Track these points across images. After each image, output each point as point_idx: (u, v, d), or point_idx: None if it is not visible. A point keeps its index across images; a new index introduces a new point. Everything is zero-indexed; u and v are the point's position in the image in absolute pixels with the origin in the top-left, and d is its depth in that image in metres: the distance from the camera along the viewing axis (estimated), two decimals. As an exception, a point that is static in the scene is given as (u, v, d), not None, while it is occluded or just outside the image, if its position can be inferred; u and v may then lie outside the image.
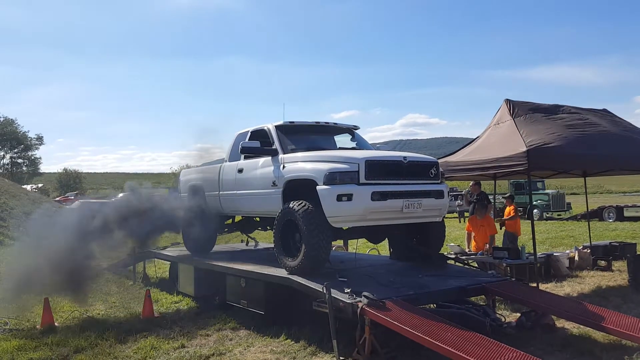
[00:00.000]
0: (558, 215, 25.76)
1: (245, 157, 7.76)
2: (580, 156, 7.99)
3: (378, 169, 6.23)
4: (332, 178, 6.06)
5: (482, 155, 8.43)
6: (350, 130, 8.37)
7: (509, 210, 10.47)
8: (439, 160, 7.56)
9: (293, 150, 7.02)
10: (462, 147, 9.66)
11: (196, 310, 7.91)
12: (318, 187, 6.14)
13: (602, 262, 10.30)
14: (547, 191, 26.19)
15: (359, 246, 10.06)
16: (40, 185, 57.80)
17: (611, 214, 22.86)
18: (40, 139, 74.37)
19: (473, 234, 9.76)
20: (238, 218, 9.37)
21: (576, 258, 10.43)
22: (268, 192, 7.08)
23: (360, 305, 5.13)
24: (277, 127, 7.53)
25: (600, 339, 5.77)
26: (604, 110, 9.73)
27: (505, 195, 11.14)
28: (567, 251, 10.96)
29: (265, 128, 7.65)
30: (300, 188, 6.50)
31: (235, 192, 7.96)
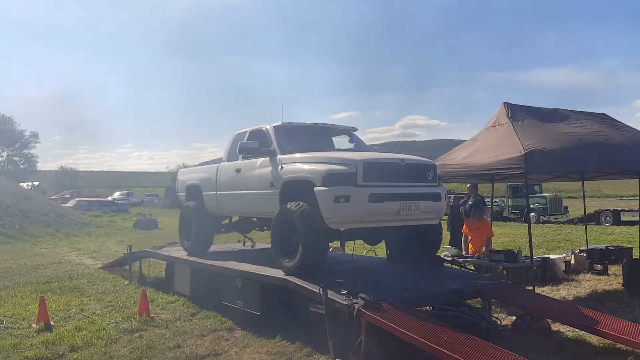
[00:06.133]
0: (555, 218, 25.78)
1: (244, 157, 7.76)
2: (578, 160, 7.98)
3: (376, 171, 6.23)
4: (329, 179, 6.07)
5: (480, 158, 8.43)
6: (348, 131, 8.38)
7: None
8: (436, 162, 7.56)
9: (291, 151, 7.00)
10: (457, 148, 9.64)
11: (192, 310, 7.90)
12: (315, 188, 6.14)
13: (598, 266, 10.31)
14: (544, 194, 26.21)
15: (356, 248, 10.05)
16: (36, 183, 57.65)
17: (608, 218, 22.90)
18: (35, 135, 74.32)
19: (469, 237, 9.77)
20: (235, 218, 9.37)
21: (572, 262, 10.45)
22: (266, 192, 7.08)
23: (356, 306, 5.13)
24: (275, 127, 7.54)
25: (595, 342, 5.78)
26: (603, 114, 9.72)
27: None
28: (564, 255, 10.97)
29: (264, 128, 7.65)
30: (297, 189, 6.50)
31: (232, 192, 7.96)
